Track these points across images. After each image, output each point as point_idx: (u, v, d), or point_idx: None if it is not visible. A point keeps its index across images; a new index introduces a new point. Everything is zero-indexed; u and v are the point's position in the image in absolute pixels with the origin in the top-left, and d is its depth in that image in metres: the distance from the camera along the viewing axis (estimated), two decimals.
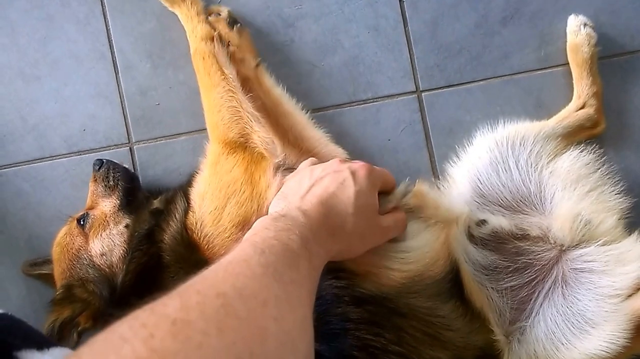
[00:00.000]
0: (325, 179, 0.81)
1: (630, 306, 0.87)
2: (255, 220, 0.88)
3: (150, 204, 1.00)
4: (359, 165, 0.85)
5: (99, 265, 0.94)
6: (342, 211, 0.78)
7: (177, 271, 0.90)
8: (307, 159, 0.93)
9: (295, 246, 0.66)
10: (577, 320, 0.88)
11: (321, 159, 0.95)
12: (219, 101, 0.98)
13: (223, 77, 0.99)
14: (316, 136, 1.05)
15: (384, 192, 0.89)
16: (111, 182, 1.02)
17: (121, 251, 0.94)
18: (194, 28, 1.05)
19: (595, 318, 0.87)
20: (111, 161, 1.05)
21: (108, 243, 0.95)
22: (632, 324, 0.85)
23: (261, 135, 0.96)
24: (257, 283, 0.57)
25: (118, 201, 1.00)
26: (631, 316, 0.86)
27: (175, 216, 0.94)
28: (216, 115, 0.98)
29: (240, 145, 0.96)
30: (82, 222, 0.98)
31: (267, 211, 0.88)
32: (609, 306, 0.87)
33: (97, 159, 1.05)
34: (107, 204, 1.00)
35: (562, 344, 0.87)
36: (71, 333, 0.93)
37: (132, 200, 1.02)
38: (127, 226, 0.97)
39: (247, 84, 1.03)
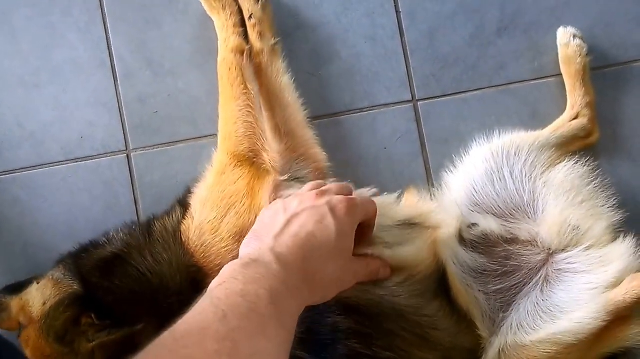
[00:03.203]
0: (302, 216, 0.73)
1: (607, 295, 0.87)
2: None
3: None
4: (338, 200, 0.76)
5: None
6: (321, 255, 0.71)
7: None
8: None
9: (263, 306, 0.59)
10: (549, 309, 0.89)
11: (305, 160, 0.97)
12: (236, 113, 0.99)
13: (245, 91, 1.00)
14: (306, 135, 1.05)
15: (365, 226, 0.81)
16: None
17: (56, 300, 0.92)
18: (227, 38, 1.05)
19: (568, 307, 0.88)
20: None
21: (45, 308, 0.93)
22: (605, 311, 0.86)
23: (271, 154, 0.97)
24: None
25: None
26: (606, 304, 0.86)
27: (172, 216, 0.95)
28: (231, 126, 0.99)
29: (248, 159, 0.97)
30: (20, 331, 0.94)
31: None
32: (585, 297, 0.88)
33: None
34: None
35: (532, 329, 0.88)
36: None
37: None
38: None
39: (260, 62, 1.05)
